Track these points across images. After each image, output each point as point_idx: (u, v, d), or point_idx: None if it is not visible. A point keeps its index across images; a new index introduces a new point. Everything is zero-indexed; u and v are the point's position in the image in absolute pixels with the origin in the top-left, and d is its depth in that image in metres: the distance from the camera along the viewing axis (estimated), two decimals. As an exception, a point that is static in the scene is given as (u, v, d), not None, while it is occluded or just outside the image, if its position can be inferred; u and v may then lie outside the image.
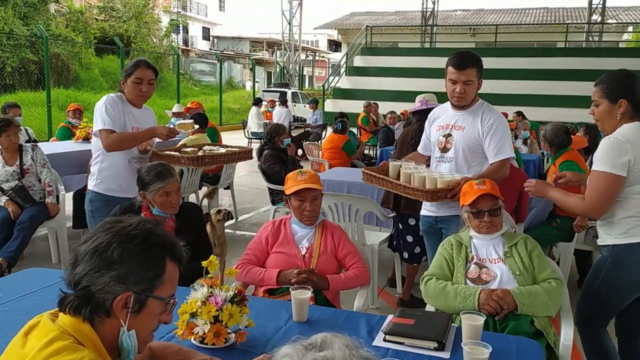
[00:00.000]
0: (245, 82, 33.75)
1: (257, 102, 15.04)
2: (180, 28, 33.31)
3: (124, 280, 1.25)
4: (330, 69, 29.76)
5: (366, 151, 10.62)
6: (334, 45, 45.54)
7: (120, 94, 3.38)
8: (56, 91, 15.56)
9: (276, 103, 15.00)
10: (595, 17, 23.63)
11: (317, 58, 43.49)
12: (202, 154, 3.87)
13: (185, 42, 35.64)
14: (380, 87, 19.09)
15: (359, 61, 21.94)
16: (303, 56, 32.84)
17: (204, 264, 1.92)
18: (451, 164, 3.11)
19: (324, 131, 13.75)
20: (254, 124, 14.21)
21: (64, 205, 4.80)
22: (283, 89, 21.03)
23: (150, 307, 1.30)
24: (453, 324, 2.06)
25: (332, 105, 19.12)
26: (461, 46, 22.51)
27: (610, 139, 2.43)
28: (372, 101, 12.79)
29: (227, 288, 1.91)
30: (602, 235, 2.57)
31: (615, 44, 26.02)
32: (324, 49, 46.58)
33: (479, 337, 1.85)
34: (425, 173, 3.01)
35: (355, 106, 15.64)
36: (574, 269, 4.65)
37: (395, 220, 4.31)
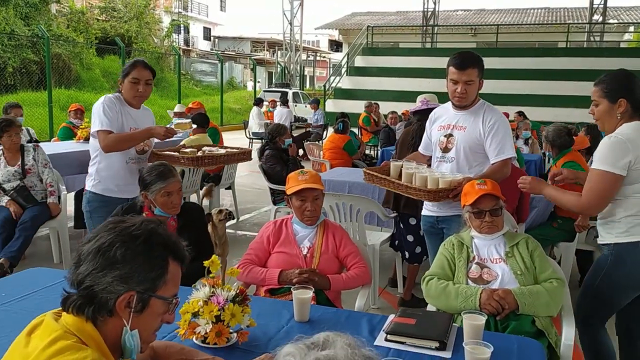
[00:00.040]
0: (246, 83, 33.75)
1: (258, 102, 15.04)
2: (182, 28, 33.33)
3: (126, 280, 1.25)
4: (331, 69, 29.77)
5: (367, 151, 10.62)
6: (335, 46, 45.56)
7: (118, 94, 3.37)
8: (57, 91, 15.57)
9: (277, 103, 15.00)
10: (597, 17, 23.63)
11: (318, 58, 43.51)
12: (202, 155, 3.88)
13: (187, 43, 35.66)
14: (381, 87, 19.11)
15: (360, 61, 21.96)
16: (304, 56, 32.86)
17: (205, 263, 1.92)
18: (452, 164, 3.11)
19: (325, 131, 13.75)
20: (255, 124, 14.21)
21: (65, 205, 4.81)
22: (284, 89, 21.03)
23: (153, 307, 1.30)
24: (454, 323, 2.06)
25: (333, 106, 19.14)
26: (462, 46, 22.51)
27: (611, 138, 2.43)
28: (373, 101, 12.79)
29: (229, 288, 1.92)
30: (603, 234, 2.57)
31: (617, 44, 26.02)
32: (325, 49, 46.59)
33: (480, 337, 1.86)
34: (426, 173, 3.01)
35: (356, 106, 15.65)
36: (575, 269, 4.65)
37: (396, 219, 4.31)
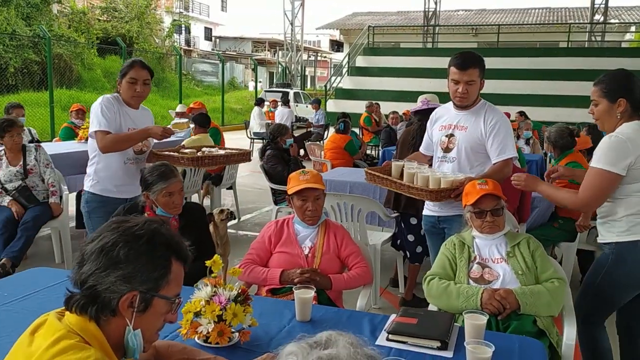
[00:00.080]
0: (247, 83, 33.76)
1: (260, 103, 15.05)
2: (183, 28, 33.35)
3: (129, 279, 1.26)
4: (332, 69, 29.77)
5: (368, 151, 10.62)
6: (336, 46, 45.57)
7: (117, 94, 3.36)
8: (59, 91, 15.59)
9: (278, 103, 15.01)
10: (598, 17, 23.60)
11: (319, 58, 43.53)
12: (201, 155, 3.88)
13: (188, 43, 35.68)
14: (382, 87, 19.08)
15: (361, 61, 21.93)
16: (305, 56, 32.86)
17: (207, 263, 1.93)
18: (454, 164, 3.11)
19: (326, 131, 13.76)
20: (256, 124, 14.22)
21: (67, 205, 4.82)
22: (285, 89, 21.03)
23: (156, 307, 1.31)
24: (456, 323, 2.07)
25: (334, 106, 19.12)
26: (463, 46, 22.51)
27: (612, 137, 2.44)
28: (374, 101, 12.79)
29: (231, 287, 1.92)
30: (603, 233, 2.58)
31: (618, 44, 25.99)
32: (326, 49, 46.60)
33: (481, 337, 1.86)
34: (428, 173, 3.01)
35: (358, 106, 15.63)
36: (577, 269, 4.65)
37: (397, 219, 4.32)
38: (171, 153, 3.82)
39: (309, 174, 2.79)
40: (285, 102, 14.70)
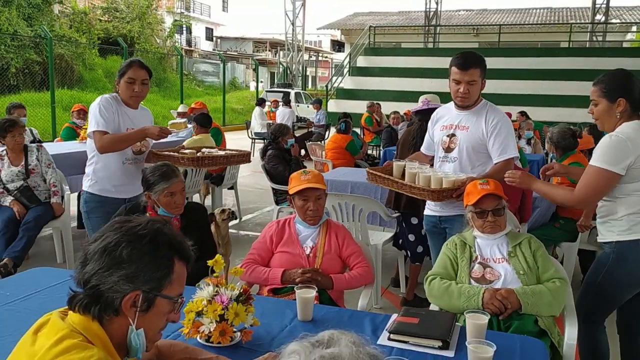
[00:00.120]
0: (248, 83, 33.77)
1: (261, 103, 15.05)
2: (184, 29, 33.38)
3: (132, 279, 1.26)
4: (334, 69, 29.76)
5: (369, 151, 10.63)
6: (337, 46, 45.59)
7: (115, 94, 3.35)
8: (60, 92, 15.60)
9: (279, 103, 15.01)
10: (599, 17, 23.58)
11: (320, 58, 43.52)
12: (201, 155, 3.88)
13: (189, 43, 35.70)
14: (384, 87, 19.07)
15: (362, 61, 21.93)
16: (306, 56, 32.88)
17: (209, 263, 1.93)
18: (455, 164, 3.11)
19: (327, 131, 13.76)
20: (257, 124, 14.21)
21: (68, 205, 4.83)
22: (286, 90, 21.05)
23: (159, 306, 1.31)
24: (457, 323, 2.07)
25: (335, 106, 19.12)
26: (464, 46, 22.50)
27: (612, 136, 2.45)
28: (375, 101, 12.79)
29: (233, 287, 1.92)
30: (604, 232, 2.59)
31: (619, 44, 25.97)
32: (327, 49, 46.61)
33: (483, 336, 1.86)
34: (430, 173, 3.02)
35: (359, 106, 15.64)
36: (578, 269, 4.65)
37: (398, 219, 4.32)
38: (171, 153, 3.81)
39: (310, 173, 2.80)
40: (287, 102, 14.71)
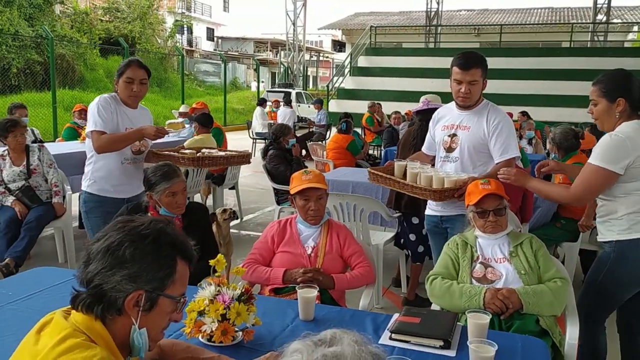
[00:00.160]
0: (249, 83, 33.79)
1: (262, 103, 15.06)
2: (185, 29, 33.38)
3: (135, 279, 1.26)
4: (335, 69, 29.76)
5: (371, 151, 10.63)
6: (338, 46, 45.58)
7: (115, 94, 3.34)
8: (61, 92, 15.62)
9: (280, 103, 15.01)
10: (601, 17, 23.57)
11: (321, 58, 43.50)
12: (201, 155, 3.88)
13: (190, 43, 35.72)
14: (385, 88, 19.06)
15: (363, 61, 21.92)
16: (307, 56, 32.87)
17: (211, 262, 1.93)
18: (456, 164, 3.11)
19: (328, 131, 13.77)
20: (258, 124, 14.21)
21: (70, 205, 4.83)
22: (287, 90, 21.05)
23: (161, 306, 1.32)
24: (458, 323, 2.07)
25: (337, 106, 19.12)
26: (466, 46, 22.46)
27: (612, 136, 2.46)
28: (376, 101, 12.79)
29: (235, 286, 1.93)
30: (603, 232, 2.60)
31: (621, 44, 25.92)
32: (328, 50, 46.61)
33: (484, 336, 1.86)
34: (431, 173, 3.02)
35: (360, 106, 15.64)
36: (579, 269, 4.65)
37: (400, 218, 4.33)
38: (171, 153, 3.81)
39: (311, 173, 2.80)
40: (288, 102, 14.70)
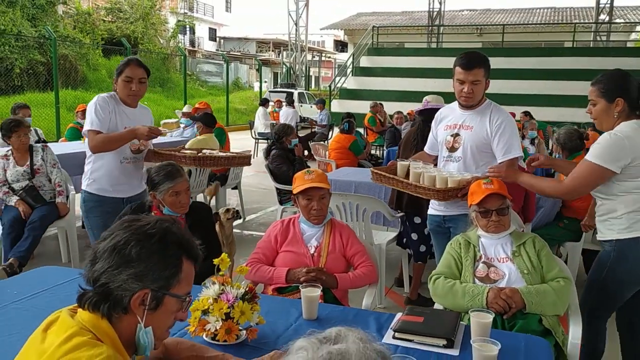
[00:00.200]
0: (252, 83, 33.80)
1: (264, 103, 15.06)
2: (187, 29, 33.42)
3: (141, 278, 1.27)
4: (337, 70, 29.75)
5: (373, 151, 10.63)
6: (340, 46, 45.52)
7: (114, 93, 3.34)
8: (64, 92, 15.66)
9: (283, 103, 15.01)
10: (603, 17, 23.52)
11: (324, 58, 43.46)
12: (202, 155, 3.89)
13: (192, 43, 35.76)
14: (387, 88, 19.05)
15: (365, 61, 21.91)
16: (309, 57, 32.86)
17: (215, 261, 1.94)
18: (459, 164, 3.12)
19: (331, 131, 13.77)
20: (260, 124, 14.22)
21: (73, 205, 4.84)
22: (290, 90, 21.05)
23: (167, 305, 1.33)
24: (461, 322, 2.08)
25: (339, 106, 19.12)
26: (468, 46, 22.45)
27: (611, 134, 2.48)
28: (379, 101, 12.79)
29: (238, 285, 1.94)
30: (604, 231, 2.61)
31: (623, 44, 25.86)
32: (330, 50, 46.58)
33: (487, 335, 1.87)
34: (435, 172, 3.02)
35: (362, 106, 15.63)
36: (582, 269, 4.65)
37: (402, 218, 4.33)
38: (172, 152, 3.81)
39: (314, 173, 2.81)
40: (290, 103, 14.70)
